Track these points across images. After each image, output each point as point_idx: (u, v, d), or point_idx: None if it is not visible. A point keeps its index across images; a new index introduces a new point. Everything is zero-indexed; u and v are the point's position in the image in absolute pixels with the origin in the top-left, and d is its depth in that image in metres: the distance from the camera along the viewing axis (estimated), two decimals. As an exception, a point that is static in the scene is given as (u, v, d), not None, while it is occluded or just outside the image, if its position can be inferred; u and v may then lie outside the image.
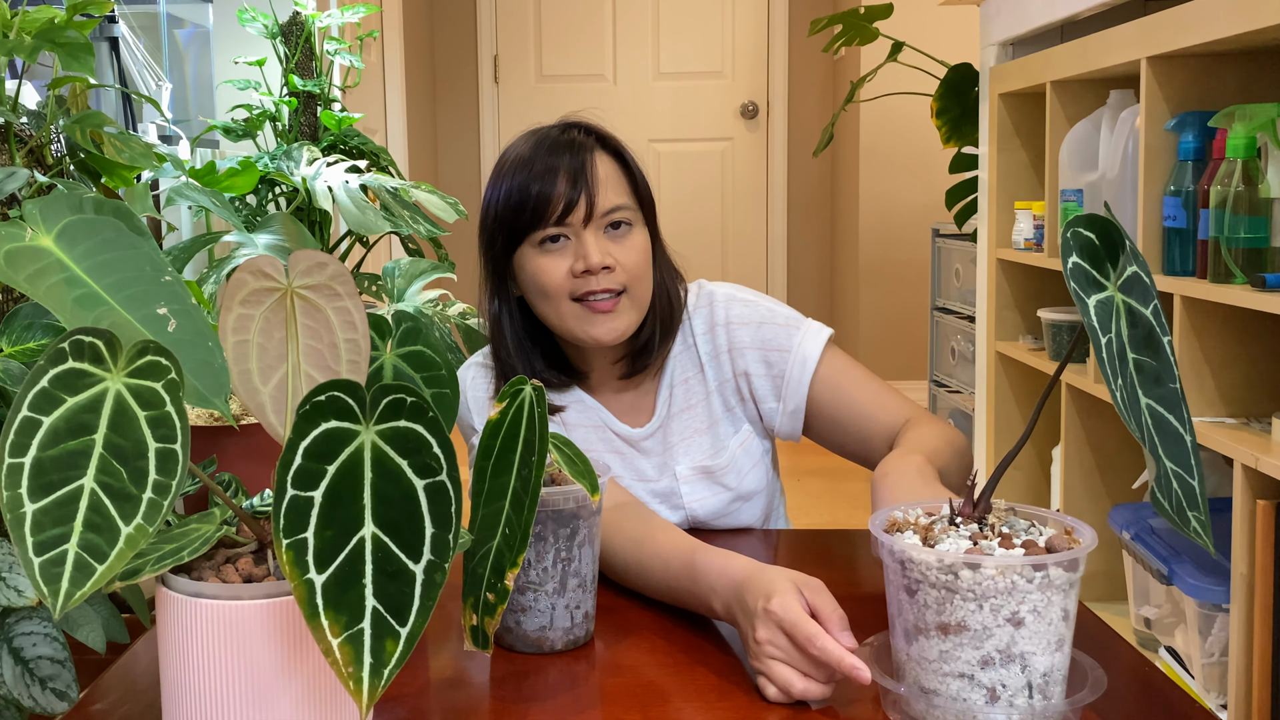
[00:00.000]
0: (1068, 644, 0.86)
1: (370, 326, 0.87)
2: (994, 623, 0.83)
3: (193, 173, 2.11)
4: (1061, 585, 0.83)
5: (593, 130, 1.35)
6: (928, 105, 3.18)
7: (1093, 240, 0.84)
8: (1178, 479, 0.82)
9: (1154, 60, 1.89)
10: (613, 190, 1.31)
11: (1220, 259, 1.72)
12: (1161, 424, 0.83)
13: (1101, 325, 0.82)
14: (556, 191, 1.29)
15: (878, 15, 3.23)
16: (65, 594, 0.68)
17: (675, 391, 1.41)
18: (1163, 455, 0.82)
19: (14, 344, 1.44)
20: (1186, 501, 0.82)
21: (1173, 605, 1.92)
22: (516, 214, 1.30)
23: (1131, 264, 0.84)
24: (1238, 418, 1.82)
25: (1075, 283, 0.82)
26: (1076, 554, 0.83)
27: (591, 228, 1.30)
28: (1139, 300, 0.84)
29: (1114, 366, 0.81)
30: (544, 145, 1.32)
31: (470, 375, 1.40)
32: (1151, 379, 0.83)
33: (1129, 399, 0.82)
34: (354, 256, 2.72)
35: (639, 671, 0.99)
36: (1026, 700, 0.84)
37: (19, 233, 0.80)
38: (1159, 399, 0.83)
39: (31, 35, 1.61)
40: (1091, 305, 0.82)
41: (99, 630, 1.41)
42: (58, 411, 0.71)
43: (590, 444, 1.39)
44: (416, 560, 0.73)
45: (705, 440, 1.40)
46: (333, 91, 2.71)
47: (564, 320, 1.32)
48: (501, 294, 1.36)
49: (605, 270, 1.29)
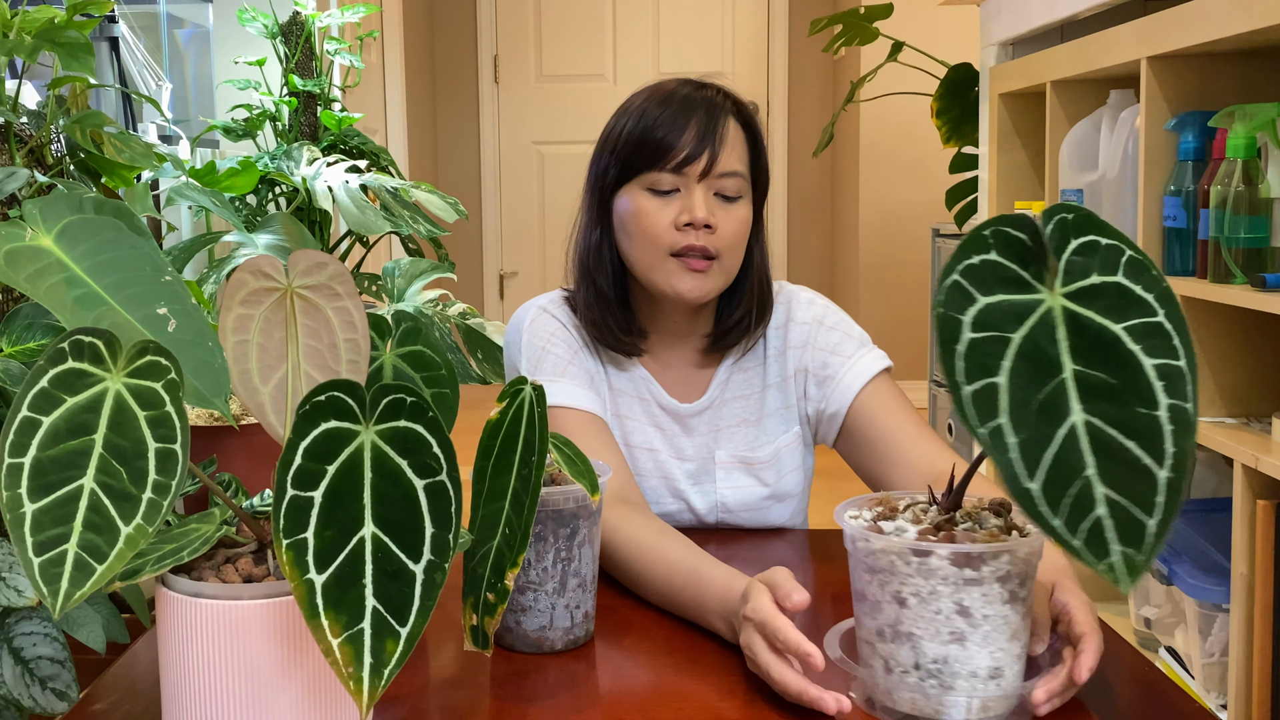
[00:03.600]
0: (974, 642, 0.86)
1: (370, 326, 0.87)
2: (883, 597, 0.88)
3: (193, 173, 2.11)
4: (950, 578, 0.85)
5: (731, 95, 1.36)
6: (928, 105, 3.18)
7: (1022, 240, 0.79)
8: (1114, 509, 0.75)
9: (1154, 60, 1.89)
10: (736, 155, 1.32)
11: (1220, 259, 1.72)
12: (1109, 448, 0.76)
13: (974, 320, 0.77)
14: (683, 140, 1.30)
15: (878, 15, 3.23)
16: (65, 594, 0.68)
17: (734, 377, 1.41)
18: (1095, 479, 0.75)
19: (14, 344, 1.44)
20: (1121, 535, 0.75)
21: (1173, 605, 1.93)
22: (637, 150, 1.32)
23: (1112, 274, 0.79)
24: (1238, 418, 1.82)
25: (966, 278, 0.77)
26: (966, 549, 0.84)
27: (704, 185, 1.31)
28: (1104, 314, 0.78)
29: (983, 365, 0.76)
30: (679, 94, 1.33)
31: (530, 316, 1.39)
32: (1103, 396, 0.76)
33: (1033, 407, 0.76)
34: (354, 256, 2.72)
35: (639, 671, 0.99)
36: (918, 679, 0.87)
37: (19, 233, 0.80)
38: (1115, 421, 0.76)
39: (31, 35, 1.61)
40: (981, 306, 0.77)
41: (99, 630, 1.41)
42: (57, 411, 0.71)
43: (633, 413, 1.39)
44: (416, 560, 0.73)
45: (752, 432, 1.40)
46: (333, 91, 2.71)
47: (652, 270, 1.33)
48: (605, 224, 1.37)
49: (706, 229, 1.30)
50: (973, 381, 0.77)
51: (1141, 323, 0.78)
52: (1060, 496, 0.76)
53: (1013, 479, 0.76)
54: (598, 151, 1.37)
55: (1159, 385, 0.77)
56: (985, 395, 0.77)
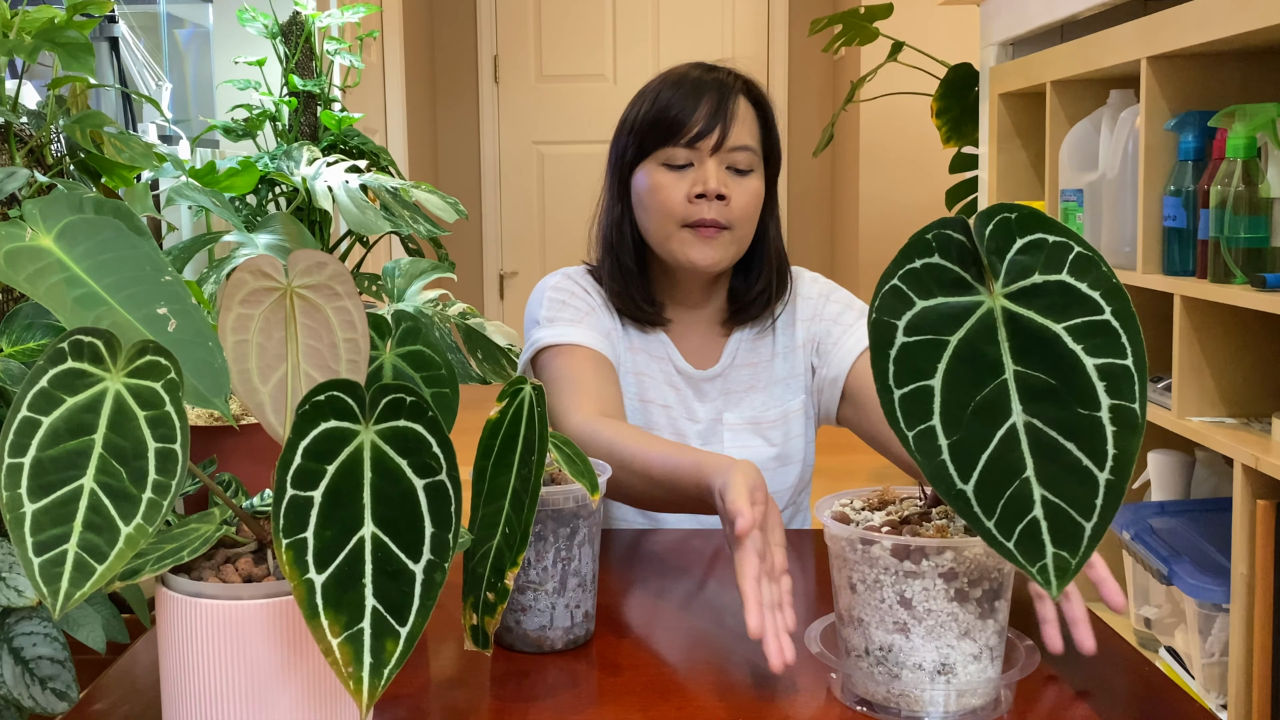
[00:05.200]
0: (917, 635, 0.86)
1: (370, 326, 0.87)
2: (840, 582, 0.91)
3: (193, 173, 2.11)
4: (891, 569, 0.86)
5: (741, 76, 1.45)
6: (928, 105, 3.18)
7: (964, 242, 0.79)
8: (1050, 511, 0.75)
9: (1154, 60, 1.89)
10: (747, 131, 1.41)
11: (1220, 259, 1.72)
12: (1049, 449, 0.75)
13: (923, 321, 0.77)
14: (696, 116, 1.38)
15: (878, 15, 3.23)
16: (65, 594, 0.68)
17: (743, 344, 1.49)
18: (1034, 480, 0.75)
19: (14, 344, 1.43)
20: (1055, 537, 0.75)
21: (1173, 605, 1.92)
22: (653, 128, 1.40)
23: (1056, 272, 0.78)
24: (1238, 418, 1.82)
25: (905, 283, 0.78)
26: (905, 541, 0.85)
27: (717, 158, 1.39)
28: (1044, 313, 0.77)
29: (916, 368, 0.76)
30: (692, 77, 1.42)
31: (555, 280, 1.48)
32: (1045, 397, 0.76)
33: (969, 409, 0.75)
34: (354, 256, 2.72)
35: (639, 671, 0.99)
36: (869, 665, 0.89)
37: (19, 233, 0.80)
38: (1054, 422, 0.76)
39: (31, 35, 1.61)
40: (917, 310, 0.78)
41: (99, 630, 1.41)
42: (57, 411, 0.71)
43: (651, 372, 1.47)
44: (416, 560, 0.73)
45: (760, 397, 1.48)
46: (333, 91, 2.71)
47: (668, 240, 1.41)
48: (625, 201, 1.45)
49: (719, 200, 1.38)
50: (903, 385, 0.77)
51: (1084, 321, 0.77)
52: (995, 498, 0.76)
53: (945, 481, 0.76)
54: (617, 134, 1.46)
55: (1100, 385, 0.76)
56: (916, 398, 0.77)
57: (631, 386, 1.46)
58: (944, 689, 0.87)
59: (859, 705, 0.90)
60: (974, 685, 0.88)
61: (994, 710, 0.89)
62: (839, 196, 5.10)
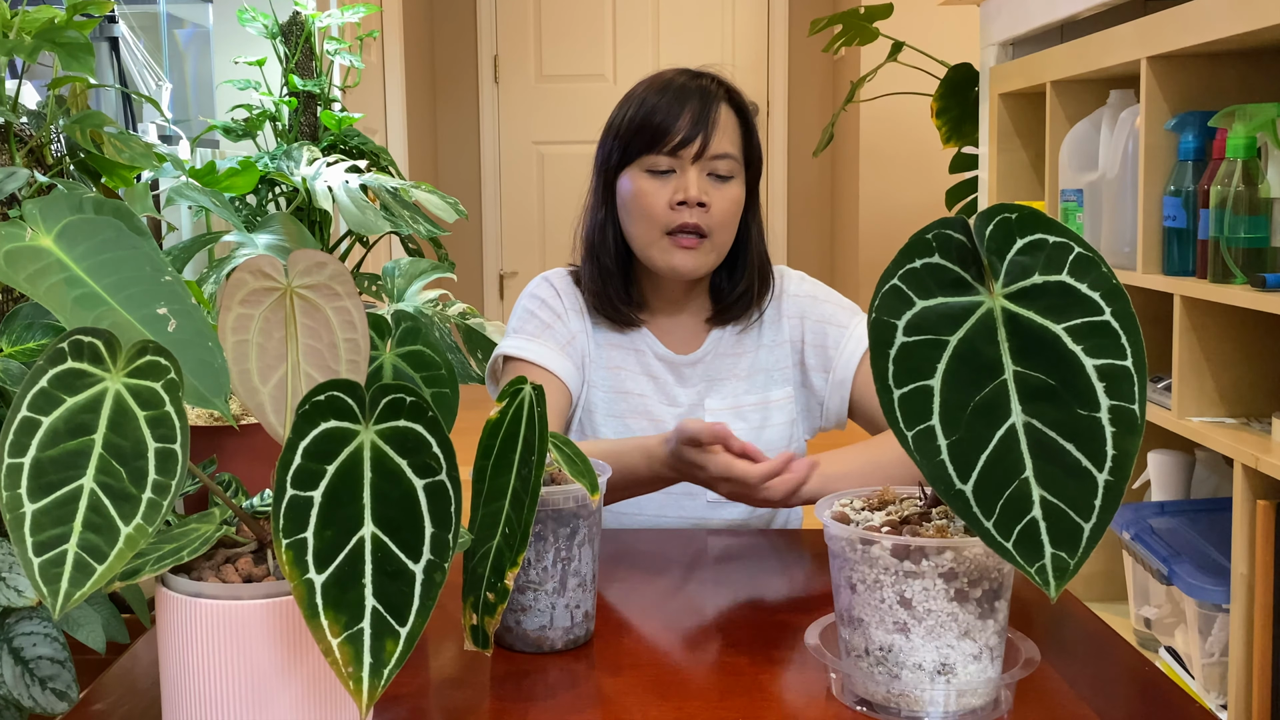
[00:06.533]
0: (917, 635, 0.86)
1: (370, 326, 0.87)
2: (840, 581, 0.91)
3: (193, 173, 2.11)
4: (891, 569, 0.86)
5: (724, 83, 1.47)
6: (928, 105, 3.18)
7: (964, 243, 0.79)
8: (1049, 511, 0.75)
9: (1154, 60, 1.89)
10: (728, 139, 1.44)
11: (1220, 259, 1.72)
12: (1048, 449, 0.75)
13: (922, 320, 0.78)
14: (678, 125, 1.41)
15: (878, 15, 3.23)
16: (65, 594, 0.68)
17: (726, 337, 1.52)
18: (1033, 480, 0.75)
19: (14, 344, 1.43)
20: (1054, 538, 0.75)
21: (1173, 605, 1.92)
22: (636, 135, 1.43)
23: (1057, 273, 0.78)
24: (1238, 418, 1.82)
25: (905, 283, 0.79)
26: (905, 541, 0.85)
27: (698, 166, 1.42)
28: (1044, 314, 0.77)
29: (916, 368, 0.76)
30: (676, 84, 1.45)
31: (533, 285, 1.54)
32: (1044, 397, 0.76)
33: (969, 409, 0.75)
34: (354, 256, 2.72)
35: (639, 671, 0.99)
36: (869, 666, 0.89)
37: (19, 233, 0.80)
38: (1054, 422, 0.76)
39: (31, 35, 1.61)
40: (917, 310, 0.78)
41: (99, 630, 1.41)
42: (57, 411, 0.71)
43: (627, 364, 1.50)
44: (416, 560, 0.73)
45: (741, 385, 1.51)
46: (333, 91, 2.71)
47: (650, 247, 1.44)
48: (609, 204, 1.48)
49: (700, 207, 1.41)
50: (903, 385, 0.77)
51: (1084, 322, 0.77)
52: (994, 498, 0.76)
53: (944, 481, 0.76)
54: (603, 137, 1.48)
55: (1100, 386, 0.76)
56: (915, 398, 0.77)
57: (606, 380, 1.50)
58: (944, 689, 0.87)
59: (859, 705, 0.90)
60: (974, 685, 0.88)
61: (994, 710, 0.89)
62: (839, 196, 5.10)
